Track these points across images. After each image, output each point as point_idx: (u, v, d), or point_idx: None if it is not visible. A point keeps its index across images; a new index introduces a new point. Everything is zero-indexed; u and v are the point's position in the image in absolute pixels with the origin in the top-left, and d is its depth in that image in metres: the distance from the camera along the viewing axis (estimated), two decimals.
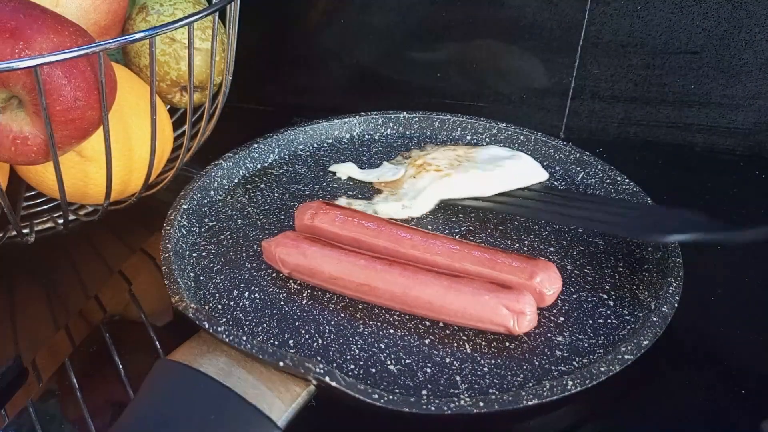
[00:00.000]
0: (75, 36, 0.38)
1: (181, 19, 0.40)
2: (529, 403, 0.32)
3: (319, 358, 0.37)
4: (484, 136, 0.58)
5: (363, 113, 0.59)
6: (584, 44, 0.60)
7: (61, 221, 0.49)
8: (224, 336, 0.34)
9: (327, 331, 0.39)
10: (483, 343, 0.38)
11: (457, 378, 0.36)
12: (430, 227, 0.48)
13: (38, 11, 0.38)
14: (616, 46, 0.59)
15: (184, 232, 0.46)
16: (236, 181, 0.53)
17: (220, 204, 0.50)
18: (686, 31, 0.57)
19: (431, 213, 0.49)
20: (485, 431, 0.35)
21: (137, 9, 0.51)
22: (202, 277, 0.43)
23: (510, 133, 0.57)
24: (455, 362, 0.37)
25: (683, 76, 0.59)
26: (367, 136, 0.59)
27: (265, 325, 0.39)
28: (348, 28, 0.64)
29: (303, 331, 0.39)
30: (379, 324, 0.40)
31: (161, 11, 0.50)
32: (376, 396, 0.32)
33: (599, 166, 0.52)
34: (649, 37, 0.58)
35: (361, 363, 0.37)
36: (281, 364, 0.32)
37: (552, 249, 0.46)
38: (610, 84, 0.61)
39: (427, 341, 0.38)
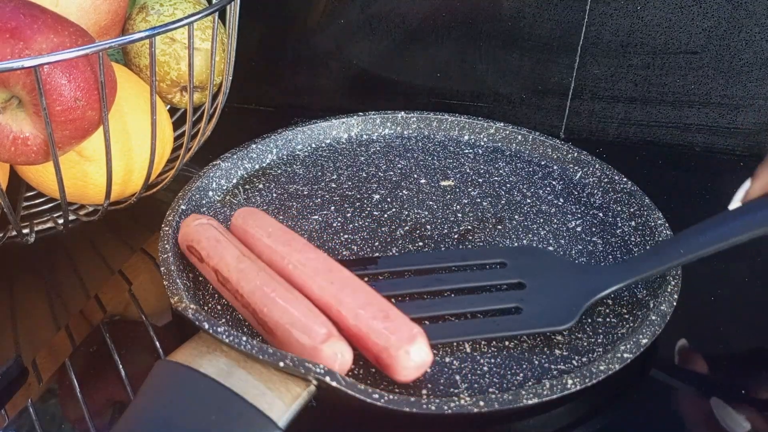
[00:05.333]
0: (75, 36, 0.38)
1: (181, 19, 0.40)
2: (529, 402, 0.32)
3: None
4: (481, 136, 0.58)
5: (361, 113, 0.59)
6: (584, 44, 0.60)
7: (61, 221, 0.49)
8: (224, 336, 0.34)
9: None
10: (482, 342, 0.38)
11: (457, 377, 0.36)
12: (429, 226, 0.48)
13: (38, 11, 0.38)
14: (616, 46, 0.59)
15: None
16: (234, 181, 0.53)
17: (218, 204, 0.50)
18: (686, 31, 0.57)
19: (430, 213, 0.49)
20: (485, 431, 0.35)
21: (137, 9, 0.51)
22: (201, 278, 0.43)
23: (508, 132, 0.57)
24: (455, 362, 0.37)
25: (683, 76, 0.59)
26: (365, 136, 0.59)
27: None
28: (348, 29, 0.64)
29: None
30: None
31: (161, 11, 0.50)
32: (377, 396, 0.32)
33: (597, 165, 0.52)
34: (649, 37, 0.58)
35: (361, 363, 0.37)
36: (281, 364, 0.32)
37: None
38: (610, 84, 0.61)
39: None
